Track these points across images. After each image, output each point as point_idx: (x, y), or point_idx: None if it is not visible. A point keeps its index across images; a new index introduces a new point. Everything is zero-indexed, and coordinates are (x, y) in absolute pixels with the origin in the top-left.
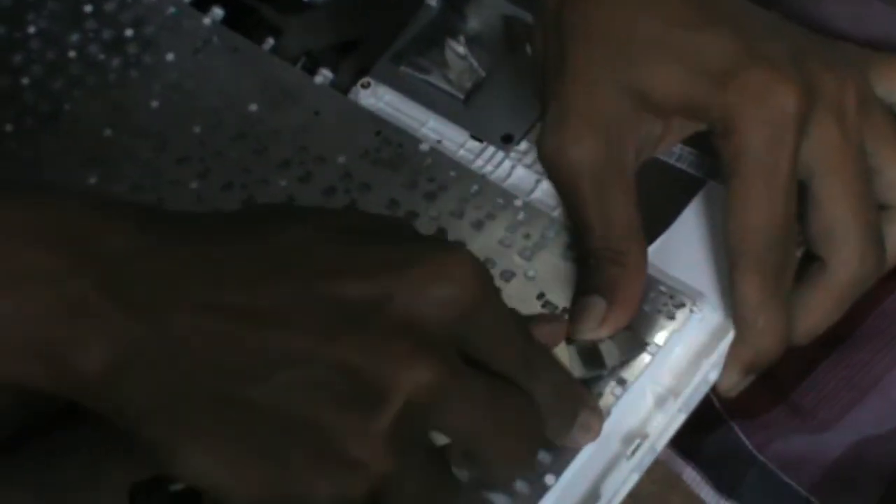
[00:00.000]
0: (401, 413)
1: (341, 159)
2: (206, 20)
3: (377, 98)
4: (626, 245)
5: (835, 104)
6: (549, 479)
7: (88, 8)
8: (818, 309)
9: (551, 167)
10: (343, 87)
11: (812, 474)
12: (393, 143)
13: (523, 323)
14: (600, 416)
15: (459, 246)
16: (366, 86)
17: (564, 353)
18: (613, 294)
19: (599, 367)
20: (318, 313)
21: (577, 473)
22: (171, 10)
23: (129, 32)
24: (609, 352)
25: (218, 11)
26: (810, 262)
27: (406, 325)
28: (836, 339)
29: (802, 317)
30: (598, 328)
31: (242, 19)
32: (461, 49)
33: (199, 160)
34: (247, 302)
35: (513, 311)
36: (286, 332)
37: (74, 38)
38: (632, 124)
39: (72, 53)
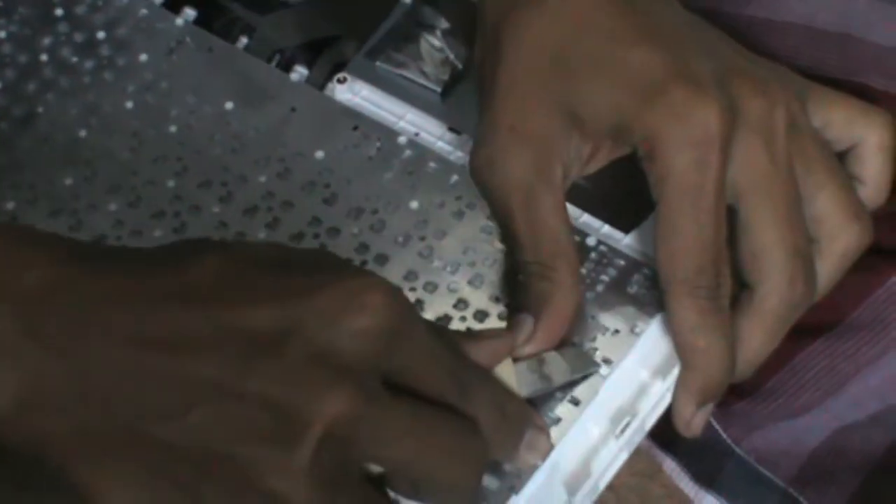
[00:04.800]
0: (321, 445)
1: (319, 154)
2: (179, 21)
3: (354, 93)
4: (555, 260)
5: (761, 125)
6: None
7: (59, 11)
8: (750, 339)
9: (481, 180)
10: (318, 83)
11: (789, 467)
12: (371, 137)
13: (455, 344)
14: (547, 434)
15: (374, 275)
16: (342, 81)
17: (511, 371)
18: (540, 311)
19: (546, 385)
20: (228, 344)
21: (566, 452)
22: (143, 11)
23: (101, 35)
24: (557, 369)
25: (190, 12)
26: (742, 291)
27: (320, 355)
28: (820, 327)
29: (737, 348)
30: (528, 346)
31: (215, 19)
32: (437, 42)
33: (177, 159)
34: (158, 334)
35: (441, 334)
36: (198, 365)
37: (46, 41)
38: (560, 140)
39: (44, 57)
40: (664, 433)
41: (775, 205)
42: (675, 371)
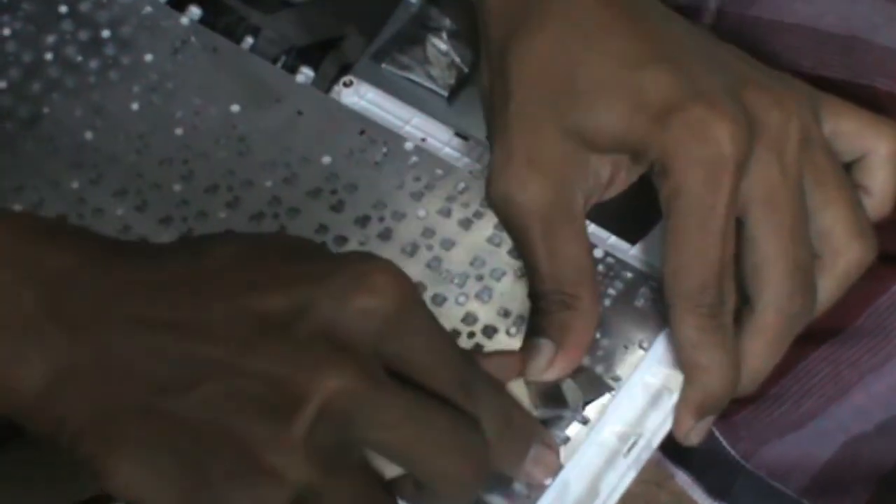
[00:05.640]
0: (317, 419)
1: (326, 159)
2: (184, 19)
3: (360, 96)
4: (578, 289)
5: (777, 139)
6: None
7: (63, 8)
8: (751, 354)
9: (500, 212)
10: (324, 85)
11: (801, 479)
12: (377, 142)
13: (464, 349)
14: (555, 451)
15: (381, 258)
16: (348, 84)
17: (524, 391)
18: (562, 338)
19: (562, 407)
20: (239, 325)
21: (575, 472)
22: (148, 9)
23: (105, 33)
24: (572, 392)
25: (195, 10)
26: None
27: (326, 334)
28: (823, 333)
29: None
30: (546, 371)
31: (220, 18)
32: (443, 45)
33: (183, 162)
34: (172, 316)
35: (448, 334)
36: (208, 344)
37: (51, 39)
38: (577, 167)
39: (48, 55)
40: (674, 447)
41: (781, 218)
42: (680, 388)
